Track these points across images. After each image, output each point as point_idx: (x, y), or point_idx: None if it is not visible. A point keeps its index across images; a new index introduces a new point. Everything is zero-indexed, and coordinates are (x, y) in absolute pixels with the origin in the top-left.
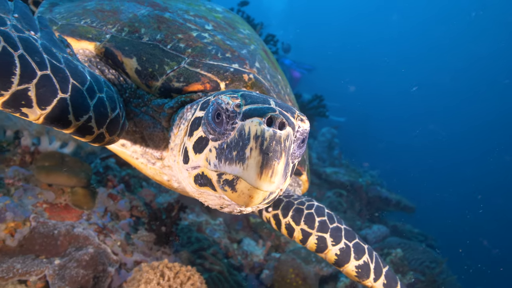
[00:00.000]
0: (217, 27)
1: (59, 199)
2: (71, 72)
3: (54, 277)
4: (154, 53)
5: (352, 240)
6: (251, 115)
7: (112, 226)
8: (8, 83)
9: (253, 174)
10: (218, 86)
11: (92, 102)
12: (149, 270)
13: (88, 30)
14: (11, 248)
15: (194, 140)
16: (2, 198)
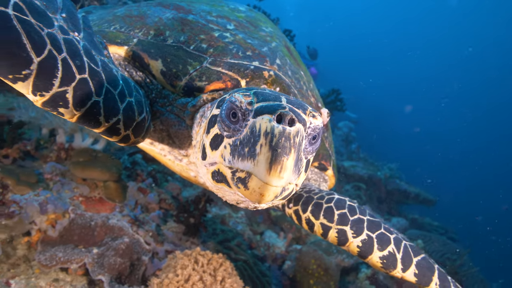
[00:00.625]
0: (238, 26)
1: (93, 192)
2: (106, 75)
3: (94, 265)
4: (178, 54)
5: (376, 231)
6: (262, 112)
7: (143, 218)
8: (49, 85)
9: (263, 170)
10: (239, 83)
11: (122, 105)
12: (184, 257)
13: (117, 35)
14: (52, 238)
15: (210, 137)
16: (42, 192)
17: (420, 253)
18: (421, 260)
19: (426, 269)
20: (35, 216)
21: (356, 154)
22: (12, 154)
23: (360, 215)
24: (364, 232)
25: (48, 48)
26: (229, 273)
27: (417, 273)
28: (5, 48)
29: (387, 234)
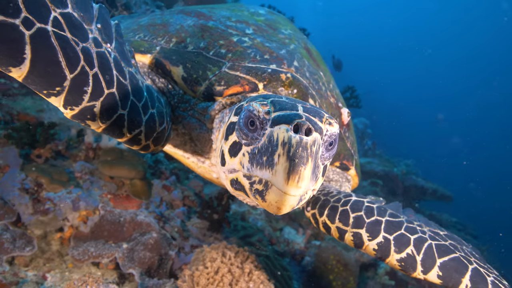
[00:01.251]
0: (257, 30)
1: (120, 190)
2: (132, 88)
3: (124, 259)
4: (198, 60)
5: (395, 232)
6: (279, 122)
7: (168, 214)
8: (79, 100)
9: (281, 179)
10: (257, 87)
11: (144, 118)
12: (211, 250)
13: (141, 44)
14: (84, 234)
15: (229, 144)
16: (74, 189)
17: (449, 253)
18: (448, 261)
19: (454, 271)
20: (68, 212)
21: (372, 151)
22: (44, 154)
23: (378, 216)
24: (381, 234)
25: (81, 64)
26: (255, 265)
27: (441, 275)
28: (43, 67)
29: (407, 235)
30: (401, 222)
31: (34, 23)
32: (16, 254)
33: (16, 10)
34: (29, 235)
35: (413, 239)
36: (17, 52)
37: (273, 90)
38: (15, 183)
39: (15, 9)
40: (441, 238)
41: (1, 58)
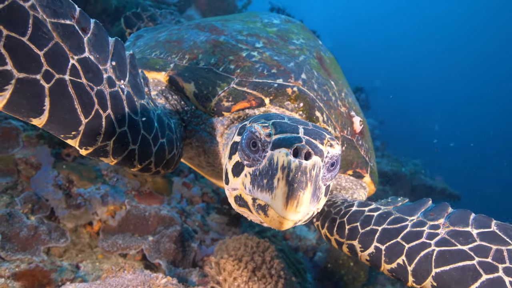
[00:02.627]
0: (267, 43)
1: (143, 187)
2: (143, 122)
3: (150, 251)
4: (209, 77)
5: (389, 241)
6: (279, 145)
7: (189, 210)
8: (93, 142)
9: (280, 205)
10: (263, 102)
11: (154, 148)
12: (234, 241)
13: (156, 61)
14: (112, 228)
15: (232, 163)
16: (102, 186)
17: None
18: (448, 271)
19: (454, 282)
20: (97, 207)
21: (381, 151)
22: (73, 153)
23: (374, 225)
24: (373, 245)
25: (95, 108)
26: (275, 255)
27: (436, 285)
28: (61, 115)
29: (402, 244)
30: (402, 228)
31: (54, 75)
32: (52, 245)
33: (38, 65)
34: (62, 228)
35: (407, 247)
36: (37, 106)
37: (279, 104)
38: (49, 179)
39: (37, 65)
40: (461, 241)
41: (23, 112)
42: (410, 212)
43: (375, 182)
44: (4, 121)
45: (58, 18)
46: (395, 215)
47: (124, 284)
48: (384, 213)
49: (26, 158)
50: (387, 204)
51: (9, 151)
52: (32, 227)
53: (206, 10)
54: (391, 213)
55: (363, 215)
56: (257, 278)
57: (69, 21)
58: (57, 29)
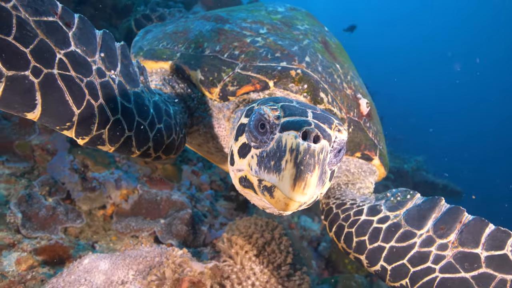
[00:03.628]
0: (271, 29)
1: (154, 174)
2: (137, 109)
3: (162, 232)
4: (214, 63)
5: (395, 262)
6: (288, 128)
7: (198, 196)
8: (88, 131)
9: (287, 186)
10: (267, 85)
11: (151, 134)
12: (244, 220)
13: (163, 51)
14: (125, 211)
15: (239, 145)
16: (116, 170)
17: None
18: None
19: None
20: (111, 191)
21: None
22: None
23: (382, 242)
24: (379, 263)
25: (87, 98)
26: (284, 233)
27: None
28: (53, 108)
29: (407, 267)
30: (410, 248)
31: (42, 70)
32: (69, 225)
33: (26, 62)
34: (78, 210)
35: (412, 272)
36: (29, 100)
37: (283, 87)
38: (65, 164)
39: (25, 62)
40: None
41: (16, 107)
42: (420, 223)
43: (385, 165)
44: None
45: (40, 16)
46: (404, 228)
47: (142, 255)
48: (393, 226)
49: (42, 144)
50: (397, 205)
51: (26, 138)
52: (50, 207)
53: (212, 7)
54: (399, 226)
55: (371, 227)
56: (267, 253)
57: (52, 17)
58: (40, 26)
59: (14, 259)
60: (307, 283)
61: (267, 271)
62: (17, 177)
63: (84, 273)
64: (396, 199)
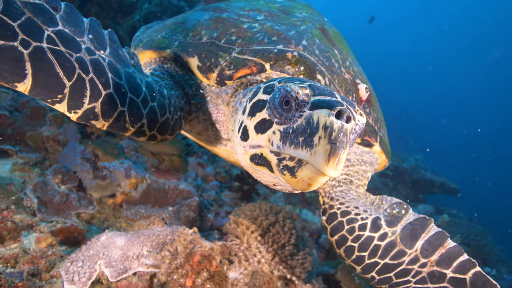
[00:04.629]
0: (268, 16)
1: (161, 165)
2: (129, 86)
3: (171, 219)
4: (211, 49)
5: (384, 274)
6: (320, 106)
7: (204, 186)
8: (80, 104)
9: (321, 161)
10: (264, 67)
11: (145, 111)
12: (249, 205)
13: (162, 41)
14: (134, 199)
15: (257, 120)
16: (125, 160)
17: None
18: None
19: None
20: (121, 179)
21: None
22: (96, 132)
23: (379, 258)
24: (371, 274)
25: (77, 72)
26: (287, 217)
27: None
28: (44, 79)
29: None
30: (399, 265)
31: (31, 43)
32: (82, 211)
33: (14, 34)
34: (89, 197)
35: (394, 282)
36: (19, 69)
37: (280, 69)
38: (77, 153)
39: (12, 34)
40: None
41: (6, 76)
42: (412, 243)
43: (387, 153)
44: (32, 101)
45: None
46: (398, 246)
47: (155, 233)
48: (390, 245)
49: (53, 135)
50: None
51: (37, 129)
52: (64, 194)
53: None
54: (395, 245)
55: (372, 244)
56: (272, 234)
57: (38, 0)
58: (27, 6)
59: (34, 239)
60: (310, 262)
61: (271, 250)
62: (30, 166)
63: (102, 248)
64: (392, 211)
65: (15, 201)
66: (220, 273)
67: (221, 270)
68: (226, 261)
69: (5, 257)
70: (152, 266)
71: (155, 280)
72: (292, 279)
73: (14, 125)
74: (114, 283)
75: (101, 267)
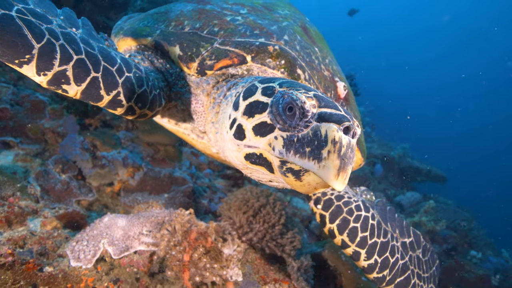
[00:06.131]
0: (251, 10)
1: (156, 154)
2: (103, 57)
3: (167, 205)
4: (193, 39)
5: (383, 255)
6: (327, 119)
7: (198, 174)
8: (50, 65)
9: (330, 175)
10: (245, 59)
11: (120, 80)
12: (241, 190)
13: (144, 29)
14: (131, 187)
15: (255, 122)
16: (123, 150)
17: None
18: (402, 280)
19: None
20: (119, 168)
21: (371, 137)
22: (94, 123)
23: (377, 238)
24: (374, 257)
25: (47, 37)
26: (278, 199)
27: None
28: (10, 39)
29: (389, 259)
30: (387, 243)
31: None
32: (82, 198)
33: None
34: (89, 186)
35: (391, 263)
36: None
37: (261, 62)
38: (76, 143)
39: None
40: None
41: None
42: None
43: (363, 152)
44: (32, 95)
45: None
46: (383, 225)
47: (154, 215)
48: (379, 224)
49: (53, 127)
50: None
51: (37, 122)
52: (65, 182)
53: None
54: (381, 223)
55: (369, 222)
56: (263, 214)
57: None
58: None
59: (39, 223)
60: (298, 240)
61: (262, 229)
62: (32, 156)
63: (105, 229)
64: (366, 196)
65: (20, 189)
66: (215, 248)
67: (216, 246)
68: (220, 239)
69: (14, 238)
70: (151, 244)
71: (155, 257)
72: (283, 256)
73: (15, 118)
74: (116, 260)
75: (105, 245)
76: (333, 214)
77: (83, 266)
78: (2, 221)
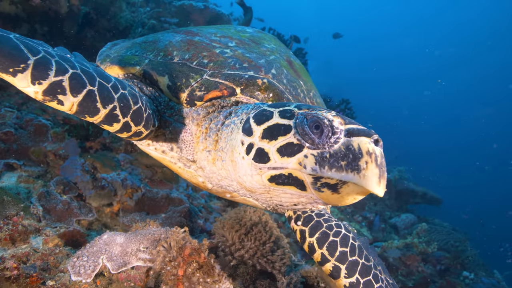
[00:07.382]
0: (239, 43)
1: (154, 176)
2: (98, 74)
3: (163, 224)
4: (182, 70)
5: (366, 277)
6: (357, 134)
7: (194, 195)
8: (46, 75)
9: (373, 183)
10: (234, 91)
11: (116, 95)
12: (235, 209)
13: (132, 58)
14: (130, 207)
15: (280, 144)
16: (122, 172)
17: None
18: None
19: None
20: (118, 189)
21: None
22: (95, 146)
23: (358, 257)
24: (355, 276)
25: (43, 54)
26: (270, 219)
27: None
28: (7, 50)
29: (372, 283)
30: (370, 268)
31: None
32: (82, 218)
33: None
34: (89, 206)
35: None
36: None
37: (250, 94)
38: (77, 166)
39: None
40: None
41: None
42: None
43: None
44: (36, 119)
45: None
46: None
47: (150, 233)
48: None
49: (55, 150)
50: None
51: (40, 145)
52: (66, 202)
53: None
54: (362, 248)
55: (349, 241)
56: (254, 232)
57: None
58: None
59: (41, 240)
60: (288, 258)
61: (254, 246)
62: (34, 178)
63: (104, 245)
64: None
65: (23, 209)
66: (208, 263)
67: (209, 262)
68: (213, 255)
69: (18, 255)
70: (148, 260)
71: (151, 272)
72: (273, 272)
73: (19, 141)
74: (115, 275)
75: (104, 261)
76: (313, 228)
77: (83, 280)
78: (7, 239)
